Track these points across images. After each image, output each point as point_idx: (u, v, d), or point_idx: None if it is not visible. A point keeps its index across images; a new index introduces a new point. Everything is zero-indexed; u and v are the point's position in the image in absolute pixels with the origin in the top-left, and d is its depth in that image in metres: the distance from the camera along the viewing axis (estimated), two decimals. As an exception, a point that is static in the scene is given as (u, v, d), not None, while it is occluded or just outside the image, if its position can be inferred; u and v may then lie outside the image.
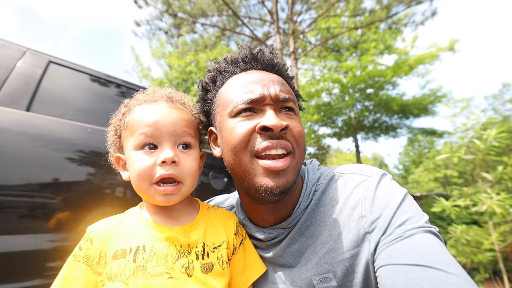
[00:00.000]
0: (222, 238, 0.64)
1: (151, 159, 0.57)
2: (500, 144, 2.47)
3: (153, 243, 0.57)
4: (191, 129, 0.64)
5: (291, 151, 0.59)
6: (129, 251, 0.55)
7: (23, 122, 1.13)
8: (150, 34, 7.55)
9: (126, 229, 0.60)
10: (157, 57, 12.20)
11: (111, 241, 0.58)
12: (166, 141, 0.58)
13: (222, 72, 0.71)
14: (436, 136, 11.21)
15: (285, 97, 0.62)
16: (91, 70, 1.56)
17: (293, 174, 0.59)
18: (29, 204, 1.05)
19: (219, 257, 0.60)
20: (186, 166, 0.59)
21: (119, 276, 0.52)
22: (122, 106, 0.68)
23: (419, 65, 9.11)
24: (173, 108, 0.64)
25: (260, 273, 0.67)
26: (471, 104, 8.63)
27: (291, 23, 6.87)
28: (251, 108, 0.61)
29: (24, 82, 1.23)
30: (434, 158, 11.68)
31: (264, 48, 0.72)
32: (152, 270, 0.53)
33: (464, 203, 2.44)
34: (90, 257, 0.56)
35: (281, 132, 0.58)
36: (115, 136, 0.67)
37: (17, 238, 0.99)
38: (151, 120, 0.59)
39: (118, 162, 0.67)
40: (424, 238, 0.47)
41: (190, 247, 0.58)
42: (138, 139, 0.58)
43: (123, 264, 0.53)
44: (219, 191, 1.75)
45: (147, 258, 0.54)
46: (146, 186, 0.57)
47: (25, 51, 1.33)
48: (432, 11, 6.25)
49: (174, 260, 0.55)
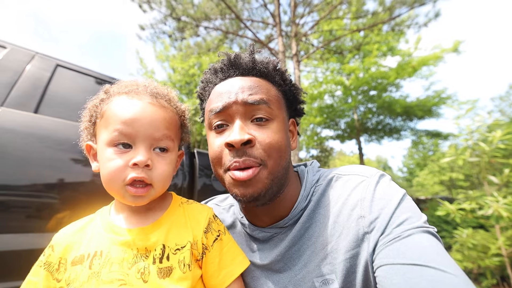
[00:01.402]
0: (187, 238, 0.59)
1: (123, 159, 0.54)
2: (507, 146, 2.43)
3: (110, 247, 0.55)
4: (171, 130, 0.61)
5: (261, 163, 0.59)
6: (86, 257, 0.54)
7: (31, 123, 1.15)
8: (154, 37, 7.64)
9: (90, 232, 0.59)
10: (161, 60, 12.32)
11: (72, 247, 0.56)
12: (142, 142, 0.55)
13: (208, 83, 0.72)
14: (441, 138, 11.11)
15: (254, 99, 0.61)
16: (97, 73, 1.59)
17: (264, 183, 0.59)
18: (37, 204, 1.07)
19: (180, 259, 0.55)
20: (159, 170, 0.57)
21: (74, 283, 0.51)
22: (102, 91, 0.63)
23: (422, 67, 9.06)
24: (155, 106, 0.59)
25: (241, 269, 0.62)
26: (477, 105, 8.56)
27: (294, 26, 6.90)
28: (223, 121, 0.63)
29: (32, 85, 1.26)
30: (439, 160, 11.57)
31: (243, 52, 0.71)
32: (105, 276, 0.51)
33: (470, 207, 2.41)
34: (51, 264, 0.56)
35: (245, 146, 0.58)
36: (89, 123, 0.62)
37: (24, 237, 1.01)
38: (128, 117, 0.55)
39: (89, 151, 0.62)
40: (423, 238, 0.48)
41: (148, 251, 0.55)
42: (112, 135, 0.54)
43: (79, 270, 0.52)
44: (222, 193, 1.75)
45: (102, 264, 0.52)
46: (116, 186, 0.55)
47: (34, 55, 1.36)
48: (436, 12, 6.23)
49: (129, 265, 0.53)
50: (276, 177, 0.61)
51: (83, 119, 0.64)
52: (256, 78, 0.67)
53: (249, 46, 0.71)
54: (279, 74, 0.71)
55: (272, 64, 0.69)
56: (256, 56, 0.70)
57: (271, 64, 0.69)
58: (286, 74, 0.73)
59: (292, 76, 0.77)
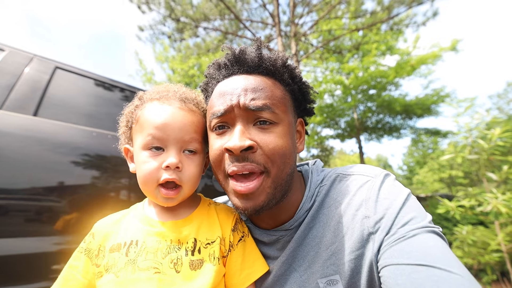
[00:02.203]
0: (217, 234, 0.63)
1: (156, 161, 0.59)
2: (505, 144, 2.44)
3: (145, 238, 0.59)
4: (199, 134, 0.64)
5: (264, 171, 0.56)
6: (123, 245, 0.58)
7: (30, 126, 1.15)
8: (153, 38, 7.64)
9: (126, 224, 0.63)
10: (160, 61, 12.32)
11: (110, 235, 0.61)
12: (173, 146, 0.60)
13: (211, 79, 0.69)
14: (440, 136, 11.11)
15: (257, 105, 0.57)
16: (97, 75, 1.60)
17: (266, 194, 0.57)
18: (35, 207, 1.07)
19: (211, 253, 0.59)
20: (188, 171, 0.61)
21: (113, 268, 0.55)
22: (136, 98, 0.69)
23: (421, 66, 9.05)
24: (184, 111, 0.63)
25: (261, 273, 0.64)
26: (475, 103, 8.57)
27: (293, 26, 6.90)
28: (224, 123, 0.60)
29: (31, 88, 1.26)
30: (439, 158, 11.57)
31: (249, 46, 0.66)
32: (141, 264, 0.55)
33: (469, 204, 2.41)
34: (91, 250, 0.61)
35: (246, 152, 0.55)
36: (126, 127, 0.68)
37: (22, 241, 1.00)
38: (160, 122, 0.59)
39: (126, 153, 0.68)
40: (428, 238, 0.47)
41: (180, 243, 0.59)
42: (146, 139, 0.60)
43: (117, 257, 0.57)
44: (222, 193, 1.75)
45: (138, 252, 0.56)
46: (151, 187, 0.60)
47: (32, 57, 1.36)
48: (434, 11, 6.23)
49: (163, 255, 0.56)
50: (280, 185, 0.58)
51: (120, 124, 0.70)
52: (262, 77, 0.62)
53: (256, 40, 0.65)
54: (288, 71, 0.66)
55: (280, 60, 0.64)
56: (263, 52, 0.64)
57: (280, 61, 0.64)
58: (296, 71, 0.68)
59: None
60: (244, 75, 0.63)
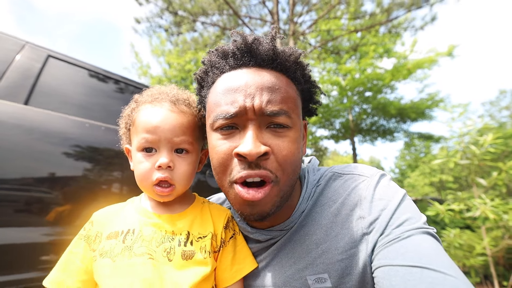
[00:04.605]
0: (209, 229, 0.66)
1: (149, 162, 0.63)
2: (496, 150, 2.49)
3: (142, 227, 0.63)
4: (190, 135, 0.67)
5: (273, 180, 0.54)
6: (120, 233, 0.62)
7: (21, 115, 1.12)
8: (150, 31, 7.52)
9: (124, 214, 0.68)
10: (156, 55, 12.14)
11: (108, 224, 0.65)
12: (164, 146, 0.63)
13: (213, 67, 0.62)
14: (433, 141, 11.29)
15: (273, 111, 0.52)
16: (90, 65, 1.56)
17: (273, 202, 0.55)
18: (24, 198, 1.05)
19: (202, 246, 0.62)
20: (180, 170, 0.65)
21: (109, 253, 0.59)
22: (133, 101, 0.73)
23: (417, 70, 9.16)
24: (174, 112, 0.66)
25: (250, 269, 0.67)
26: (468, 109, 8.71)
27: (292, 24, 6.89)
28: (232, 124, 0.55)
29: (22, 76, 1.23)
30: (430, 162, 11.78)
31: (263, 36, 0.60)
32: (137, 250, 0.58)
33: (458, 208, 2.46)
34: (90, 237, 0.64)
35: (260, 158, 0.52)
36: (125, 129, 0.72)
37: (11, 231, 0.99)
38: (151, 125, 0.63)
39: (128, 152, 0.73)
40: (422, 239, 0.47)
41: (174, 234, 0.62)
42: (140, 142, 0.64)
43: (114, 243, 0.60)
44: (216, 189, 1.75)
45: (134, 240, 0.60)
46: (146, 186, 0.64)
47: (24, 44, 1.32)
48: (432, 16, 6.30)
49: (157, 244, 0.60)
50: (285, 193, 0.57)
51: (120, 125, 0.74)
52: (276, 73, 0.57)
53: (272, 29, 0.59)
54: (300, 68, 0.61)
55: (294, 56, 0.59)
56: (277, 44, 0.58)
57: (293, 56, 0.59)
58: (308, 70, 0.63)
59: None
60: (256, 68, 0.57)
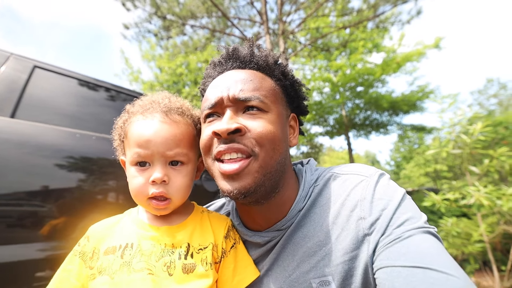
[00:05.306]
0: (209, 240, 0.64)
1: (143, 177, 0.61)
2: (486, 138, 2.54)
3: (140, 241, 0.60)
4: (184, 146, 0.64)
5: (251, 154, 0.57)
6: (118, 247, 0.60)
7: (7, 129, 1.10)
8: (139, 36, 7.46)
9: (120, 228, 0.65)
10: (147, 60, 12.04)
11: (105, 239, 0.62)
12: (157, 160, 0.61)
13: (208, 77, 0.72)
14: (425, 132, 11.45)
15: (246, 96, 0.59)
16: (78, 74, 1.54)
17: (254, 177, 0.56)
18: (17, 213, 1.02)
19: (203, 258, 0.60)
20: (175, 183, 0.62)
21: (107, 270, 0.56)
22: (125, 111, 0.70)
23: (406, 63, 9.29)
24: (167, 124, 0.63)
25: (252, 278, 0.65)
26: (458, 99, 8.87)
27: (281, 24, 6.91)
28: (214, 113, 0.62)
29: (8, 88, 1.20)
30: (424, 153, 11.94)
31: (242, 45, 0.71)
32: (136, 265, 0.56)
33: (454, 197, 2.50)
34: (85, 253, 0.61)
35: (233, 135, 0.56)
36: (119, 141, 0.70)
37: (4, 250, 0.96)
38: (143, 139, 0.61)
39: (124, 164, 0.71)
40: (423, 239, 0.47)
41: (174, 247, 0.60)
42: (133, 157, 0.62)
43: (112, 259, 0.58)
44: (212, 193, 1.74)
45: (133, 254, 0.58)
46: (141, 200, 0.62)
47: (9, 56, 1.29)
48: (417, 10, 6.39)
49: (157, 258, 0.58)
50: (269, 172, 0.57)
51: (114, 137, 0.72)
52: (253, 71, 0.65)
53: (249, 39, 0.71)
54: (279, 68, 0.69)
55: (272, 58, 0.68)
56: (255, 50, 0.68)
57: (271, 58, 0.68)
58: (287, 68, 0.71)
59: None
60: (236, 70, 0.66)
